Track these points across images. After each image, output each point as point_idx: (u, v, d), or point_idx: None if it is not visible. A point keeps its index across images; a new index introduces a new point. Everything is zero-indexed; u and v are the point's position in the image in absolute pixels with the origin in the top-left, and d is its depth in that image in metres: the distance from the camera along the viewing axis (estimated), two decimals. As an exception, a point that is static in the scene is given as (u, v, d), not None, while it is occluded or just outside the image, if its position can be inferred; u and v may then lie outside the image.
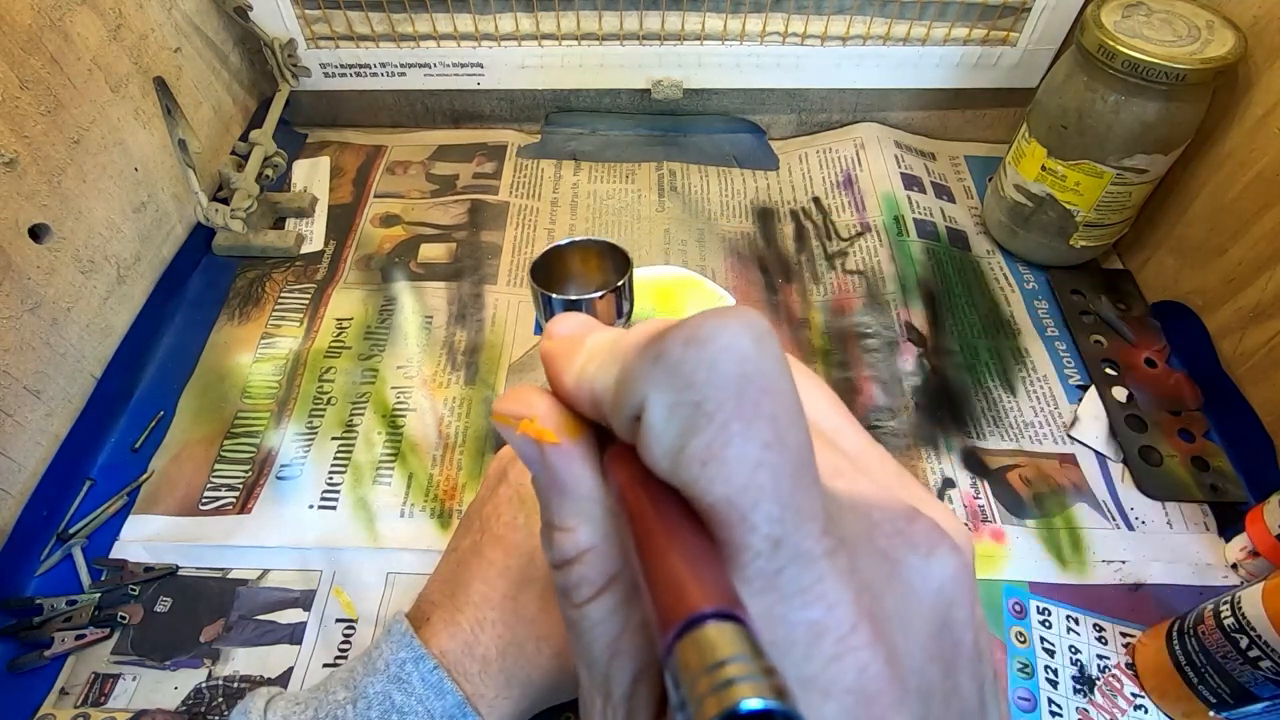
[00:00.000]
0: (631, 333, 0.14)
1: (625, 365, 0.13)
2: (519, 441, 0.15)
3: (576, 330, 0.17)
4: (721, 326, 0.12)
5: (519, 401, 0.16)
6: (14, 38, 0.38)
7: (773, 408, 0.12)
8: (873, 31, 0.55)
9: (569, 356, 0.16)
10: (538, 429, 0.15)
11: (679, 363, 0.12)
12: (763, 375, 0.12)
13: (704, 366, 0.12)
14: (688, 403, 0.12)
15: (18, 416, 0.38)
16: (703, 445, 0.12)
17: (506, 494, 0.31)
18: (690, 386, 0.12)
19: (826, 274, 0.52)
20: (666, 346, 0.12)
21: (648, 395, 0.13)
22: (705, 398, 0.12)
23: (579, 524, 0.15)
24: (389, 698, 0.26)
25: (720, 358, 0.12)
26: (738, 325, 0.12)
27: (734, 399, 0.12)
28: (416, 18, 0.55)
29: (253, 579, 0.38)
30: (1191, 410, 0.45)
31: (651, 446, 0.13)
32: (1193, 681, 0.32)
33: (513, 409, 0.15)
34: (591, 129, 0.63)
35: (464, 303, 0.50)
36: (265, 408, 0.45)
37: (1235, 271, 0.44)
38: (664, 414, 0.12)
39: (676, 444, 0.12)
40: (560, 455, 0.15)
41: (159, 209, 0.49)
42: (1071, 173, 0.47)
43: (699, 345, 0.12)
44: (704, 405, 0.12)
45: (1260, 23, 0.42)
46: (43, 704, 0.34)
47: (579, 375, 0.15)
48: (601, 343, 0.15)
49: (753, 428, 0.12)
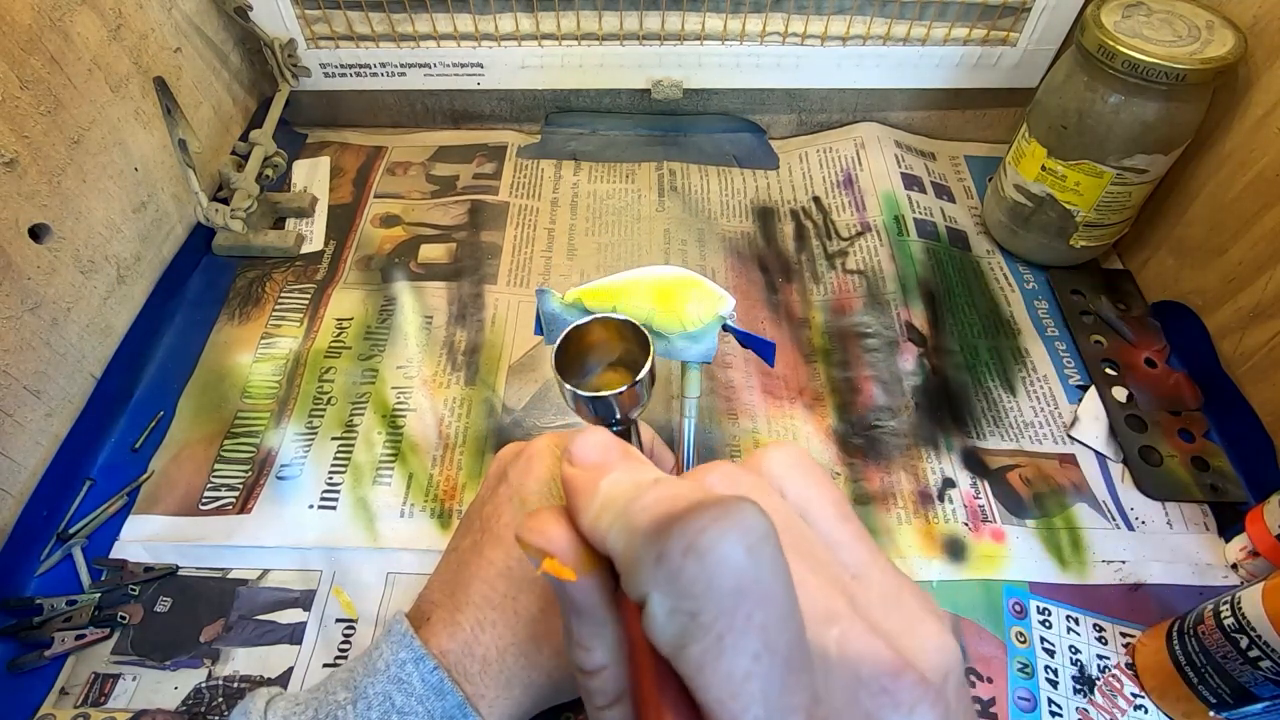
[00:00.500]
0: (642, 506, 0.15)
1: (631, 550, 0.14)
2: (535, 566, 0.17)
3: (596, 459, 0.18)
4: (719, 536, 0.13)
5: (541, 535, 0.17)
6: (14, 38, 0.38)
7: (764, 618, 0.13)
8: (873, 31, 0.55)
9: (586, 496, 0.17)
10: (557, 567, 0.16)
11: (678, 571, 0.13)
12: (756, 586, 0.13)
13: (701, 579, 0.13)
14: (685, 611, 0.13)
15: (18, 416, 0.38)
16: (698, 653, 0.13)
17: (506, 494, 0.31)
18: (688, 596, 0.13)
19: (826, 274, 0.52)
20: (668, 551, 0.13)
21: (649, 594, 0.14)
22: (701, 609, 0.13)
23: (595, 645, 0.17)
24: (389, 698, 0.26)
25: (716, 571, 0.13)
26: (735, 535, 0.13)
27: (728, 613, 0.13)
28: (416, 18, 0.55)
29: (253, 579, 0.38)
30: (1191, 410, 0.45)
31: (654, 635, 0.14)
32: (1193, 681, 0.32)
33: (535, 542, 0.17)
34: (591, 129, 0.63)
35: (464, 303, 0.50)
36: (265, 408, 0.45)
37: (1235, 271, 0.44)
38: (664, 615, 0.14)
39: (675, 643, 0.14)
40: (576, 590, 0.16)
41: (159, 209, 0.49)
42: (1071, 173, 0.47)
43: (697, 557, 0.13)
44: (700, 617, 0.13)
45: (1260, 23, 0.42)
46: (43, 704, 0.34)
47: (593, 523, 0.16)
48: (615, 497, 0.16)
49: (743, 640, 0.13)
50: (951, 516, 0.40)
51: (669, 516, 0.14)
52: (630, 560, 0.14)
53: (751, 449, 0.43)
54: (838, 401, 0.45)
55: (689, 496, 0.15)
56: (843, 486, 0.42)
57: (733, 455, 0.43)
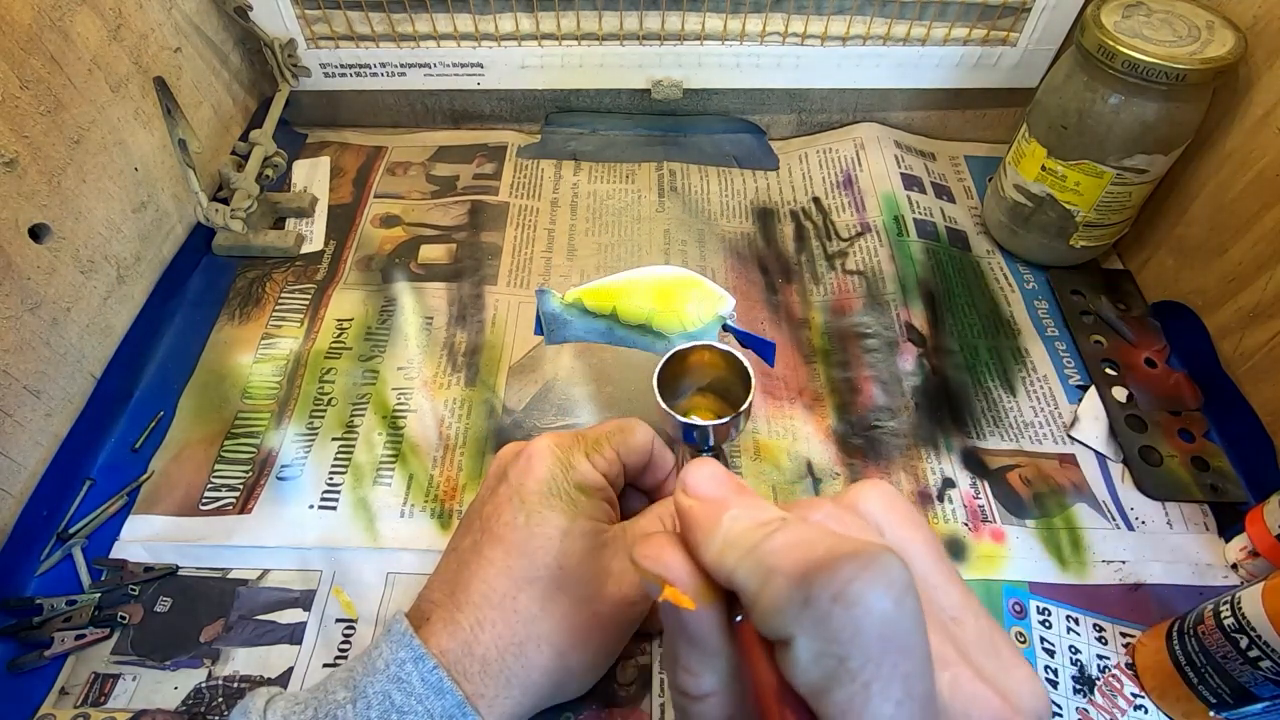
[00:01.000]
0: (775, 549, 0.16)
1: (772, 592, 0.15)
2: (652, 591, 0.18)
3: (713, 493, 0.18)
4: (867, 586, 0.14)
5: (659, 563, 0.18)
6: (14, 38, 0.38)
7: (907, 667, 0.14)
8: (873, 31, 0.55)
9: (707, 532, 0.17)
10: (677, 596, 0.17)
11: (826, 616, 0.14)
12: (901, 635, 0.14)
13: (849, 626, 0.14)
14: (833, 655, 0.14)
15: (18, 416, 0.38)
16: (844, 698, 0.14)
17: (506, 494, 0.31)
18: (836, 642, 0.14)
19: (826, 274, 0.52)
20: (815, 596, 0.14)
21: (795, 637, 0.14)
22: (849, 655, 0.14)
23: (703, 672, 0.17)
24: (389, 697, 0.26)
25: (865, 620, 0.14)
26: (882, 584, 0.14)
27: (875, 661, 0.14)
28: (416, 18, 0.55)
29: (253, 579, 0.38)
30: (1191, 410, 0.45)
31: (795, 676, 0.14)
32: (1193, 681, 0.32)
33: (655, 570, 0.17)
34: (591, 129, 0.63)
35: (464, 304, 0.50)
36: (265, 408, 0.45)
37: (1235, 271, 0.44)
38: (810, 658, 0.14)
39: (819, 686, 0.14)
40: (695, 618, 0.17)
41: (159, 209, 0.49)
42: (1071, 173, 0.47)
43: (846, 605, 0.14)
44: (848, 663, 0.14)
45: (1260, 23, 0.42)
46: (43, 704, 0.34)
47: (718, 559, 0.17)
48: (740, 534, 0.17)
49: (889, 688, 0.14)
50: (951, 517, 0.40)
51: (811, 563, 0.15)
52: (771, 602, 0.15)
53: (751, 449, 0.43)
54: (837, 402, 0.45)
55: (823, 542, 0.15)
56: (842, 487, 0.42)
57: (732, 455, 0.43)
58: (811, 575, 0.14)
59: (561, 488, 0.31)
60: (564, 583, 0.29)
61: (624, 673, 0.35)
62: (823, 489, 0.42)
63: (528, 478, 0.31)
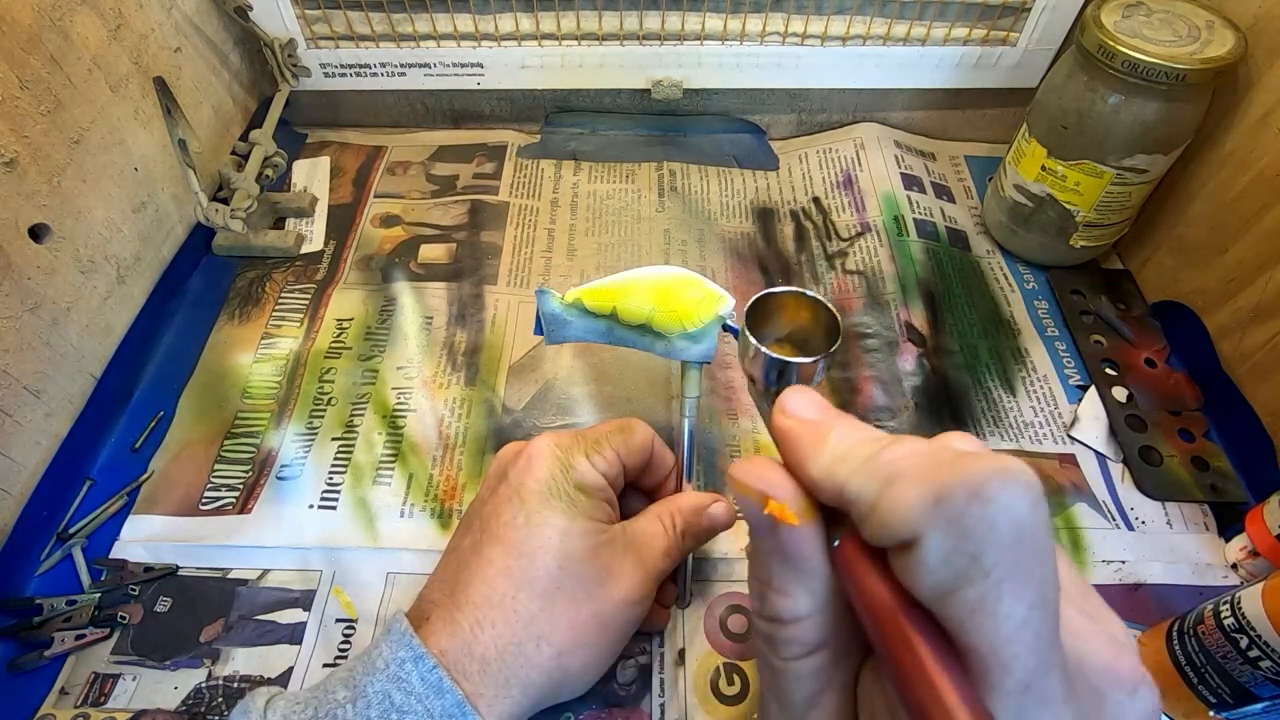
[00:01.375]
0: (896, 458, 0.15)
1: (897, 494, 0.15)
2: (750, 510, 0.17)
3: (815, 415, 0.18)
4: (1004, 486, 0.14)
5: (761, 479, 0.17)
6: (14, 38, 0.38)
7: (1041, 571, 0.14)
8: (873, 31, 0.55)
9: (813, 446, 0.17)
10: (781, 510, 0.17)
11: (961, 515, 0.13)
12: (1036, 539, 0.14)
13: (984, 523, 0.13)
14: (965, 553, 0.13)
15: (18, 416, 0.38)
16: (975, 596, 0.13)
17: (506, 493, 0.31)
18: (969, 539, 0.13)
19: (826, 274, 0.52)
20: (949, 494, 0.14)
21: (925, 534, 0.14)
22: (983, 553, 0.13)
23: (799, 593, 0.17)
24: (388, 697, 0.26)
25: (1001, 517, 0.13)
26: (1018, 487, 0.14)
27: (1010, 560, 0.13)
28: (416, 18, 0.55)
29: (253, 579, 0.38)
30: (1191, 410, 0.45)
31: (921, 578, 0.14)
32: (1193, 681, 0.32)
33: (757, 485, 0.17)
34: (591, 129, 0.63)
35: (464, 303, 0.50)
36: (265, 408, 0.45)
37: (1235, 271, 0.44)
38: (940, 557, 0.14)
39: (948, 586, 0.14)
40: (796, 535, 0.17)
41: (159, 209, 0.49)
42: (1071, 173, 0.47)
43: (982, 503, 0.13)
44: (981, 560, 0.13)
45: (1260, 23, 0.42)
46: (43, 704, 0.34)
47: (827, 473, 0.16)
48: (853, 448, 0.16)
49: (1023, 589, 0.13)
50: (951, 516, 0.40)
51: (940, 465, 0.14)
52: (897, 503, 0.14)
53: (751, 449, 0.43)
54: (837, 402, 0.45)
55: (943, 452, 0.15)
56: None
57: (732, 455, 0.43)
58: (943, 476, 0.14)
59: (561, 488, 0.31)
60: (563, 582, 0.29)
61: (624, 673, 0.35)
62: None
63: (527, 478, 0.31)
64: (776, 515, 0.17)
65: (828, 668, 0.17)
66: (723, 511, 0.34)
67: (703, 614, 0.37)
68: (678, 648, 0.36)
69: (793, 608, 0.17)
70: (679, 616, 0.37)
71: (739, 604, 0.37)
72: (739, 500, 0.17)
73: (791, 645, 0.17)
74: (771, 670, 0.18)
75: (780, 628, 0.17)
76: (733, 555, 0.39)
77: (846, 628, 0.17)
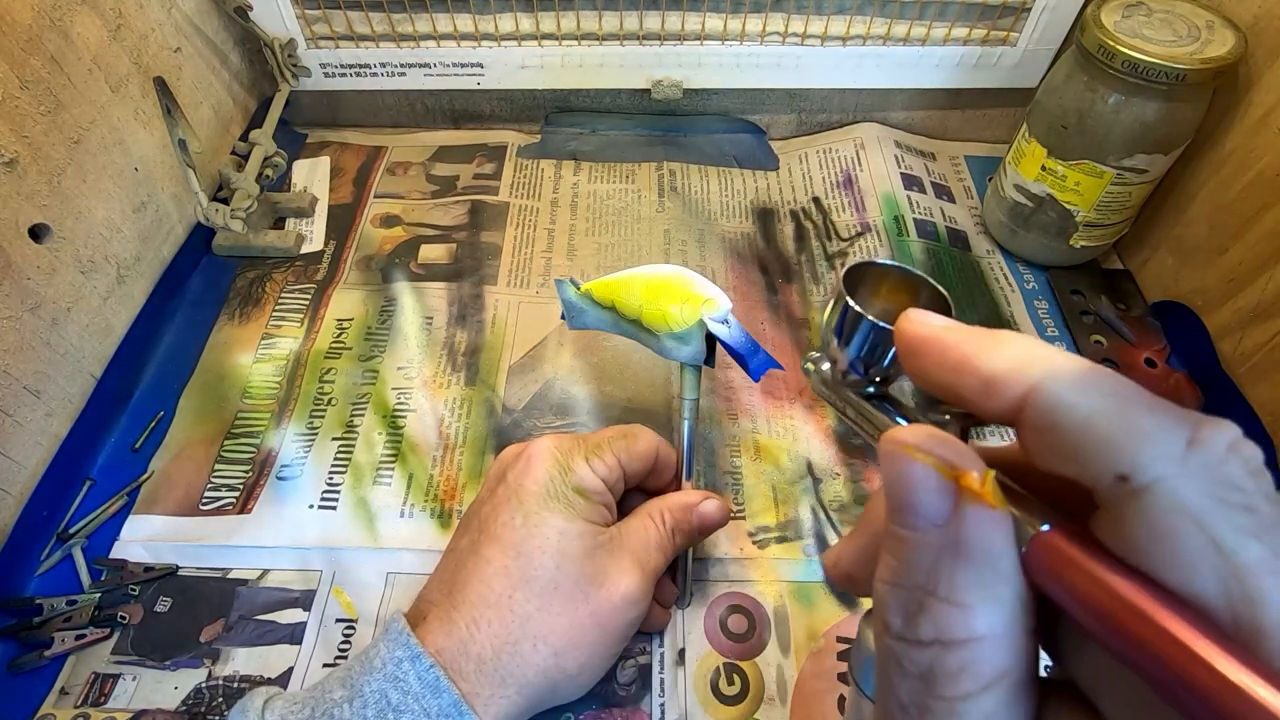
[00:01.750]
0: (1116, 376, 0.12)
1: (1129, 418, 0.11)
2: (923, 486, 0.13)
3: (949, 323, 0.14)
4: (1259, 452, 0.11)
5: (948, 447, 0.13)
6: (14, 38, 0.38)
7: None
8: (873, 31, 0.55)
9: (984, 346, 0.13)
10: (980, 486, 0.13)
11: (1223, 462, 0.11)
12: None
13: (1251, 474, 0.11)
14: (1237, 505, 0.10)
15: (18, 416, 0.38)
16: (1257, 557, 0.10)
17: (505, 494, 0.31)
18: (1237, 490, 0.11)
19: (827, 274, 0.52)
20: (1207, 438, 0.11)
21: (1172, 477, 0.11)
22: (1258, 506, 0.10)
23: (981, 604, 0.12)
24: (385, 696, 0.26)
25: (1264, 475, 0.11)
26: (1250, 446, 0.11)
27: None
28: (416, 18, 0.55)
29: (253, 579, 0.38)
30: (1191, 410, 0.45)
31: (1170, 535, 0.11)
32: (1193, 682, 0.32)
33: (943, 453, 0.13)
34: (591, 129, 0.63)
35: (464, 303, 0.50)
36: (265, 408, 0.45)
37: (1235, 271, 0.44)
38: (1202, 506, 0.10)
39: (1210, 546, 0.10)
40: (988, 522, 0.13)
41: (159, 209, 0.49)
42: (1071, 173, 0.47)
43: (1243, 460, 0.11)
44: (1258, 513, 0.10)
45: (1260, 23, 0.42)
46: (43, 704, 0.34)
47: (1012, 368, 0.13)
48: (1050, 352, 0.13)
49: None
50: (951, 517, 0.40)
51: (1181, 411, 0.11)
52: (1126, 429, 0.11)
53: (751, 449, 0.43)
54: (838, 401, 0.45)
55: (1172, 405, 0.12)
56: (842, 487, 0.42)
57: (732, 455, 0.43)
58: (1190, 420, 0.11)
59: (559, 489, 0.31)
60: (560, 582, 0.29)
61: (624, 673, 0.35)
62: (822, 489, 0.42)
63: (526, 478, 0.31)
64: (973, 491, 0.12)
65: (1007, 707, 0.12)
66: (714, 508, 0.34)
67: (703, 614, 0.37)
68: (678, 648, 0.36)
69: (968, 624, 0.12)
70: (679, 616, 0.37)
71: (739, 604, 0.37)
72: (900, 474, 0.13)
73: (963, 677, 0.12)
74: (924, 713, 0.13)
75: (947, 653, 0.13)
76: (733, 555, 0.39)
77: (1030, 654, 0.13)
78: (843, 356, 0.23)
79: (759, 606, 0.37)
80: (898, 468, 0.13)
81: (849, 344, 0.22)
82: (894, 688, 0.13)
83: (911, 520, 0.13)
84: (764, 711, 0.34)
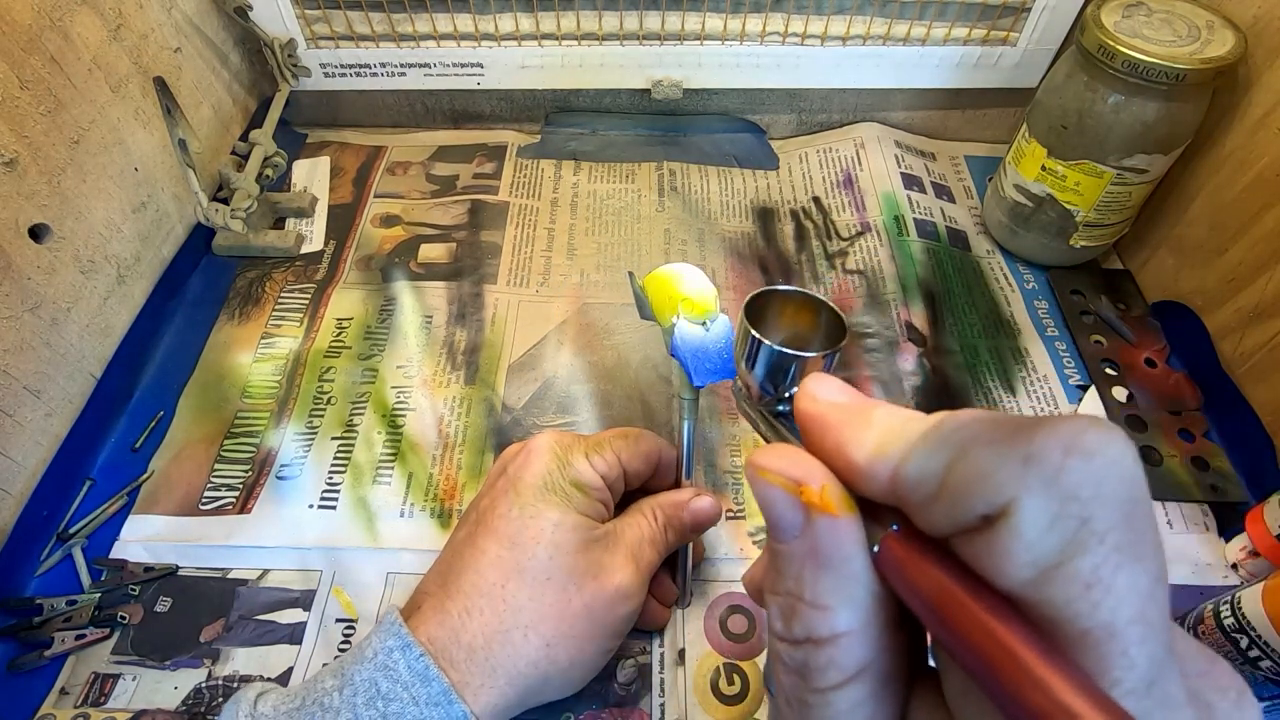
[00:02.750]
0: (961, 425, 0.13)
1: (974, 461, 0.12)
2: (778, 503, 0.14)
3: (851, 400, 0.16)
4: (1106, 440, 0.12)
5: (793, 464, 0.14)
6: (14, 38, 0.38)
7: (1155, 537, 0.12)
8: (873, 31, 0.55)
9: (855, 428, 0.15)
10: (822, 498, 0.14)
11: (1059, 471, 0.11)
12: (1145, 500, 0.12)
13: (1090, 481, 0.11)
14: (1073, 517, 0.11)
15: (18, 416, 0.38)
16: (1089, 567, 0.11)
17: (503, 486, 0.31)
18: (1075, 500, 0.11)
19: (827, 274, 0.52)
20: (1040, 450, 0.11)
21: (1018, 499, 0.12)
22: (1093, 516, 0.11)
23: (839, 604, 0.14)
24: (375, 684, 0.27)
25: (1109, 472, 0.11)
26: (1122, 442, 0.12)
27: (1125, 523, 0.11)
28: (416, 18, 0.55)
29: (253, 579, 0.38)
30: (1191, 410, 0.45)
31: (1017, 556, 0.12)
32: (1193, 681, 0.32)
33: (788, 471, 0.14)
34: (591, 129, 0.63)
35: (464, 302, 0.50)
36: (265, 408, 0.45)
37: (1235, 271, 0.44)
38: (1042, 524, 0.11)
39: (1054, 559, 0.11)
40: (837, 530, 0.14)
41: (159, 209, 0.49)
42: (1071, 173, 0.47)
43: (1084, 456, 0.11)
44: (1093, 524, 0.11)
45: (1260, 23, 0.42)
46: (43, 704, 0.34)
47: (876, 453, 0.14)
48: (905, 423, 0.14)
49: (1145, 555, 0.11)
50: (951, 516, 0.40)
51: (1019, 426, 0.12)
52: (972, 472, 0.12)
53: (751, 449, 0.43)
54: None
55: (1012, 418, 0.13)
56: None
57: (732, 455, 0.43)
58: (1024, 435, 0.12)
59: (557, 483, 0.31)
60: (553, 573, 0.29)
61: (624, 672, 0.35)
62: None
63: (525, 471, 0.31)
64: (815, 505, 0.14)
65: (873, 697, 0.14)
66: (706, 504, 0.34)
67: (703, 614, 0.37)
68: (678, 648, 0.36)
69: (830, 623, 0.14)
70: (679, 616, 0.37)
71: (739, 604, 0.37)
72: (761, 496, 0.15)
73: (830, 670, 0.14)
74: (803, 707, 0.15)
75: (816, 650, 0.14)
76: (733, 556, 0.39)
77: (891, 648, 0.14)
78: (752, 379, 0.24)
79: (759, 607, 0.37)
80: (758, 489, 0.15)
81: (754, 368, 0.24)
82: (781, 684, 0.15)
83: (778, 534, 0.15)
84: (764, 711, 0.34)
